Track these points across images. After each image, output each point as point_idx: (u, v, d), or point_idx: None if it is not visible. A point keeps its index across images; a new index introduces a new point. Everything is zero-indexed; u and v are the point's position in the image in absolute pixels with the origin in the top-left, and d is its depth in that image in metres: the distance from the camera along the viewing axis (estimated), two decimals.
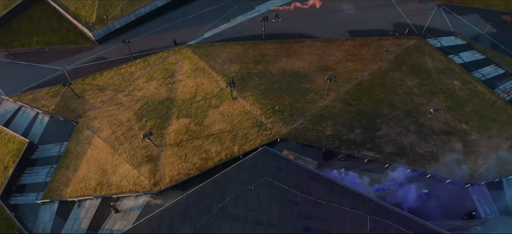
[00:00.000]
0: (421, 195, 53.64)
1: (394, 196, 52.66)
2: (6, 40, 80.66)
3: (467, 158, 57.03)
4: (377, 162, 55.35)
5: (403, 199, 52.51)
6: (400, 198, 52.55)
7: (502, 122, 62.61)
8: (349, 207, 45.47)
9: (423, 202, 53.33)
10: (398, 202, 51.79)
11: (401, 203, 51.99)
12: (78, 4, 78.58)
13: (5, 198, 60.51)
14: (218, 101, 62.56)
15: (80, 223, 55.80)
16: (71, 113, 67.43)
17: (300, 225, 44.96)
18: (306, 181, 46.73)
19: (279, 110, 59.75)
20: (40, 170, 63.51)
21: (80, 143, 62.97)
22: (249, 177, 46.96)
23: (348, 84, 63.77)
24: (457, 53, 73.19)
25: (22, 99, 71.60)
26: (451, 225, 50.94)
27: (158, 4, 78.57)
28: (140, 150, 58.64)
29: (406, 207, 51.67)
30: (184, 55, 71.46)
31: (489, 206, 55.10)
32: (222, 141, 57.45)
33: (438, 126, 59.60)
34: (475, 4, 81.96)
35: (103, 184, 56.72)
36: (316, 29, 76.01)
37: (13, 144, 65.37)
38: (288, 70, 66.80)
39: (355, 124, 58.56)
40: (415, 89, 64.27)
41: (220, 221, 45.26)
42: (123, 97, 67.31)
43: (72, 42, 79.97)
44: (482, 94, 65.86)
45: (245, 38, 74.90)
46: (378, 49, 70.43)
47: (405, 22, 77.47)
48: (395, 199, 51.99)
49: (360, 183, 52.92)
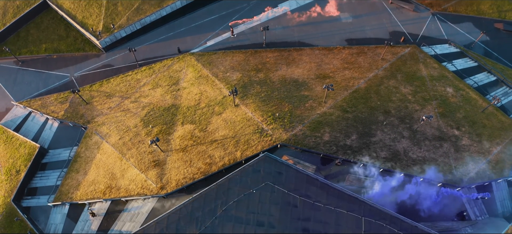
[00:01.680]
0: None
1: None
2: (15, 47, 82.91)
3: (458, 162, 59.86)
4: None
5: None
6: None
7: (493, 128, 65.30)
8: (345, 209, 48.47)
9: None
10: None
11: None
12: (86, 13, 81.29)
13: (17, 200, 63.31)
14: (221, 108, 65.43)
15: (90, 225, 58.64)
16: (79, 119, 70.22)
17: (299, 227, 47.89)
18: (305, 185, 49.66)
19: (279, 117, 62.53)
20: (51, 173, 66.30)
21: (89, 148, 65.82)
22: (251, 181, 49.88)
23: (345, 91, 66.58)
24: (451, 60, 75.71)
25: (32, 105, 74.25)
26: (442, 226, 53.84)
27: (162, 13, 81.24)
28: (147, 155, 61.51)
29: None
30: (188, 63, 74.32)
31: (479, 209, 57.96)
32: (225, 147, 60.29)
33: (431, 132, 62.42)
34: (468, 12, 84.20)
35: (112, 187, 59.60)
36: (315, 37, 78.79)
37: (25, 149, 68.14)
38: (288, 78, 69.63)
39: (351, 130, 61.37)
40: (409, 97, 67.07)
41: (224, 222, 48.20)
42: (130, 104, 70.17)
43: (79, 50, 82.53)
44: (474, 101, 68.54)
45: (246, 47, 77.54)
46: (374, 57, 73.24)
47: (400, 31, 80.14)
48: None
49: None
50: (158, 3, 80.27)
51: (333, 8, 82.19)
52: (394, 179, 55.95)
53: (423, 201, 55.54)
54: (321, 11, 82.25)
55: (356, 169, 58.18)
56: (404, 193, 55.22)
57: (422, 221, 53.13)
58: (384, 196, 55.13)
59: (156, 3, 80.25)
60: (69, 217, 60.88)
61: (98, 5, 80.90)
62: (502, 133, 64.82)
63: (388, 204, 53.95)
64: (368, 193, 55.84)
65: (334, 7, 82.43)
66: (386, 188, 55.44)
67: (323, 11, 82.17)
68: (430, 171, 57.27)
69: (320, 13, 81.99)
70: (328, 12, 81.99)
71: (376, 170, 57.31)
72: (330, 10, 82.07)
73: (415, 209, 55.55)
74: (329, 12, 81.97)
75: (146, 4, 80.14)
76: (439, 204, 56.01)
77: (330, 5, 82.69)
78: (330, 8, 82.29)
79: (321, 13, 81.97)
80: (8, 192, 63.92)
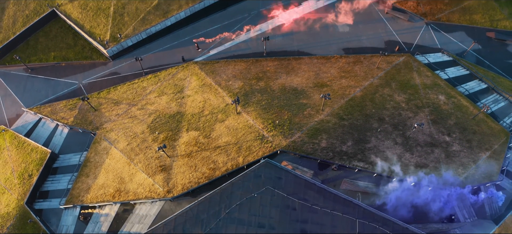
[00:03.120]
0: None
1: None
2: (24, 55, 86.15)
3: (449, 167, 63.22)
4: (366, 172, 61.60)
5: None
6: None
7: (483, 134, 68.52)
8: (340, 212, 52.01)
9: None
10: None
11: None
12: (93, 23, 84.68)
13: (30, 203, 66.63)
14: (224, 115, 68.83)
15: (100, 226, 62.03)
16: (88, 125, 73.60)
17: (297, 228, 51.36)
18: (303, 189, 53.23)
19: (279, 124, 65.91)
20: (62, 177, 69.64)
21: (98, 153, 69.22)
22: (252, 185, 53.43)
23: (342, 100, 69.94)
24: (443, 69, 78.80)
25: (42, 111, 77.56)
26: (432, 227, 57.24)
27: (167, 23, 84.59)
28: (154, 160, 64.93)
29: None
30: (192, 71, 77.74)
31: (468, 211, 61.31)
32: (228, 153, 63.69)
33: (423, 138, 65.77)
34: (461, 22, 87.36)
35: (121, 191, 63.01)
36: (313, 46, 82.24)
37: (36, 154, 71.47)
38: (287, 86, 73.04)
39: (347, 137, 64.76)
40: (403, 104, 70.43)
41: (227, 224, 51.68)
42: (137, 111, 73.59)
43: (87, 58, 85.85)
44: (465, 108, 71.74)
45: (248, 56, 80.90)
46: (370, 66, 76.64)
47: (395, 40, 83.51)
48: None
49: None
50: (163, 14, 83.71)
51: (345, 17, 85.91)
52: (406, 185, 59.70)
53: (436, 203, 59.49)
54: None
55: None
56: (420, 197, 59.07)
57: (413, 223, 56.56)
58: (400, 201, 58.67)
59: (161, 13, 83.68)
60: (80, 219, 64.18)
61: (105, 15, 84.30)
62: (492, 139, 68.03)
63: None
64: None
65: (346, 15, 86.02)
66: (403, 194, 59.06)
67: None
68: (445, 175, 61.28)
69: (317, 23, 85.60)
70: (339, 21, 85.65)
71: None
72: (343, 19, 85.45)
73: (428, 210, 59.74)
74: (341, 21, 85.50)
75: (152, 14, 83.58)
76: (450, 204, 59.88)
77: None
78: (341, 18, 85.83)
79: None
80: (21, 195, 67.24)
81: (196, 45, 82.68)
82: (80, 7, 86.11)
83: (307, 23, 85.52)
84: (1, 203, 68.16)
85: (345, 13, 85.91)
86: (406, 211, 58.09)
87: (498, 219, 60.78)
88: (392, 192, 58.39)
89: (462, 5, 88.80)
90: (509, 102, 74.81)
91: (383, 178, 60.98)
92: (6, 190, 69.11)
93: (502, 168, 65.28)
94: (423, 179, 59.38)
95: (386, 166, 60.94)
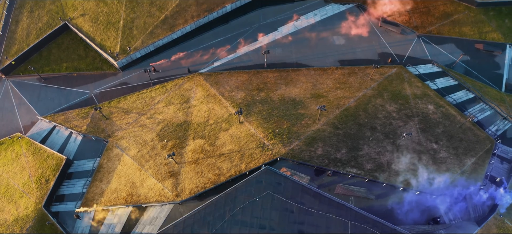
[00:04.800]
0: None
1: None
2: (38, 65, 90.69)
3: (435, 172, 68.28)
4: (358, 178, 66.79)
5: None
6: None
7: (469, 141, 73.34)
8: (334, 214, 57.21)
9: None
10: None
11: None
12: (103, 36, 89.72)
13: (47, 206, 71.82)
14: (228, 125, 74.05)
15: (114, 228, 67.25)
16: (101, 133, 78.81)
17: (295, 229, 56.60)
18: (300, 194, 58.42)
19: (279, 133, 71.06)
20: (77, 182, 74.83)
21: (110, 159, 74.45)
22: (254, 190, 58.69)
23: (337, 110, 75.02)
24: (433, 79, 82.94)
25: (56, 119, 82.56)
26: (419, 229, 62.34)
27: (173, 36, 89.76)
28: (163, 166, 70.18)
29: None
30: (197, 82, 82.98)
31: (453, 214, 66.35)
32: (232, 159, 68.89)
33: (412, 146, 70.85)
34: (451, 34, 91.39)
35: (133, 195, 68.26)
36: (311, 58, 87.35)
37: (52, 160, 76.58)
38: (286, 97, 78.21)
39: (341, 145, 69.90)
40: (394, 114, 75.50)
41: (232, 226, 56.90)
42: (146, 120, 78.84)
43: (98, 69, 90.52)
44: (452, 116, 76.49)
45: (249, 67, 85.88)
46: (363, 77, 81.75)
47: (388, 52, 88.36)
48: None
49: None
50: (169, 28, 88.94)
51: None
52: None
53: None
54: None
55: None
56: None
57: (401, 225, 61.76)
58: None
59: (168, 27, 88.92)
60: (94, 221, 69.40)
61: (115, 29, 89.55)
62: (477, 146, 72.86)
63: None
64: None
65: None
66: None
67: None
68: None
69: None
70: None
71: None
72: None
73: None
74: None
75: (159, 28, 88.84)
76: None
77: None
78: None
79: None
80: (39, 199, 72.40)
81: (153, 68, 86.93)
82: (91, 21, 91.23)
83: (305, 36, 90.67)
84: (20, 206, 73.27)
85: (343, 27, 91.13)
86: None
87: (481, 221, 65.68)
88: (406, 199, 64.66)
89: (452, 18, 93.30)
90: (494, 111, 78.92)
91: (375, 183, 66.12)
92: (24, 194, 74.21)
93: (486, 173, 70.07)
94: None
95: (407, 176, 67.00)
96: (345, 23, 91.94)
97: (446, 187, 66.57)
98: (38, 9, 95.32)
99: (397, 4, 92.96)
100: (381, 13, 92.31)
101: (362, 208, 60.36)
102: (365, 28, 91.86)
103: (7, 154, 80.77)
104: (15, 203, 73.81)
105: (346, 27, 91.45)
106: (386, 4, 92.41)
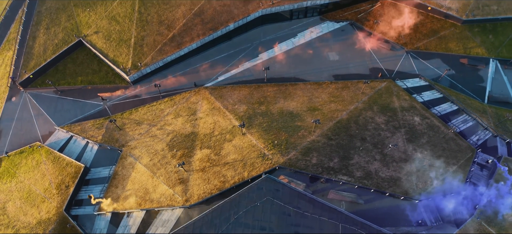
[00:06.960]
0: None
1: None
2: (54, 79, 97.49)
3: (419, 179, 75.46)
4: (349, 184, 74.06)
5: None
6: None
7: (451, 150, 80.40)
8: (326, 217, 64.69)
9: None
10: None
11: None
12: (116, 52, 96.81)
13: (67, 210, 79.03)
14: (231, 136, 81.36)
15: (129, 230, 74.52)
16: (115, 143, 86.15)
17: (292, 230, 64.09)
18: (297, 199, 65.98)
19: (278, 144, 78.24)
20: (94, 188, 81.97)
21: (125, 167, 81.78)
22: (256, 196, 66.20)
23: (330, 122, 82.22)
24: (420, 93, 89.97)
25: (72, 130, 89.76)
26: (403, 230, 69.73)
27: (181, 53, 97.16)
28: (173, 174, 77.52)
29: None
30: (203, 96, 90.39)
31: (435, 216, 73.45)
32: (235, 168, 76.14)
33: (398, 155, 77.98)
34: (438, 49, 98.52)
35: (146, 200, 75.57)
36: (307, 73, 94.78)
37: (71, 168, 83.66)
38: (285, 110, 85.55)
39: (334, 155, 77.07)
40: (382, 125, 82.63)
41: (236, 227, 64.31)
42: (157, 131, 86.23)
43: (111, 82, 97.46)
44: (437, 127, 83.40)
45: (251, 81, 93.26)
46: (355, 91, 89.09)
47: (379, 67, 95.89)
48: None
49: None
50: (177, 45, 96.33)
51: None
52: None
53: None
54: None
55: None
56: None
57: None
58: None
59: (176, 45, 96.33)
60: (111, 224, 76.68)
61: (127, 46, 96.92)
62: (459, 155, 79.89)
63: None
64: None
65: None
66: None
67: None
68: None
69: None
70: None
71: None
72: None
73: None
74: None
75: (167, 46, 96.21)
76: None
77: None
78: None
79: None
80: (59, 203, 79.42)
81: (101, 98, 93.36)
82: (104, 38, 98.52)
83: (302, 51, 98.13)
84: (42, 210, 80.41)
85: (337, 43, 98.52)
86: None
87: (460, 223, 72.60)
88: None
89: (439, 34, 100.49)
90: (476, 122, 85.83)
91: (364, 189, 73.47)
92: (46, 198, 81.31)
93: (466, 179, 76.98)
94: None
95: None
96: (339, 40, 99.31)
97: (429, 192, 73.60)
98: (54, 26, 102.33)
99: (388, 22, 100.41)
100: (373, 30, 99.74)
101: (352, 212, 67.85)
102: (357, 45, 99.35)
103: (28, 161, 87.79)
104: (38, 207, 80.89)
105: (340, 44, 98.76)
106: (378, 22, 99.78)
